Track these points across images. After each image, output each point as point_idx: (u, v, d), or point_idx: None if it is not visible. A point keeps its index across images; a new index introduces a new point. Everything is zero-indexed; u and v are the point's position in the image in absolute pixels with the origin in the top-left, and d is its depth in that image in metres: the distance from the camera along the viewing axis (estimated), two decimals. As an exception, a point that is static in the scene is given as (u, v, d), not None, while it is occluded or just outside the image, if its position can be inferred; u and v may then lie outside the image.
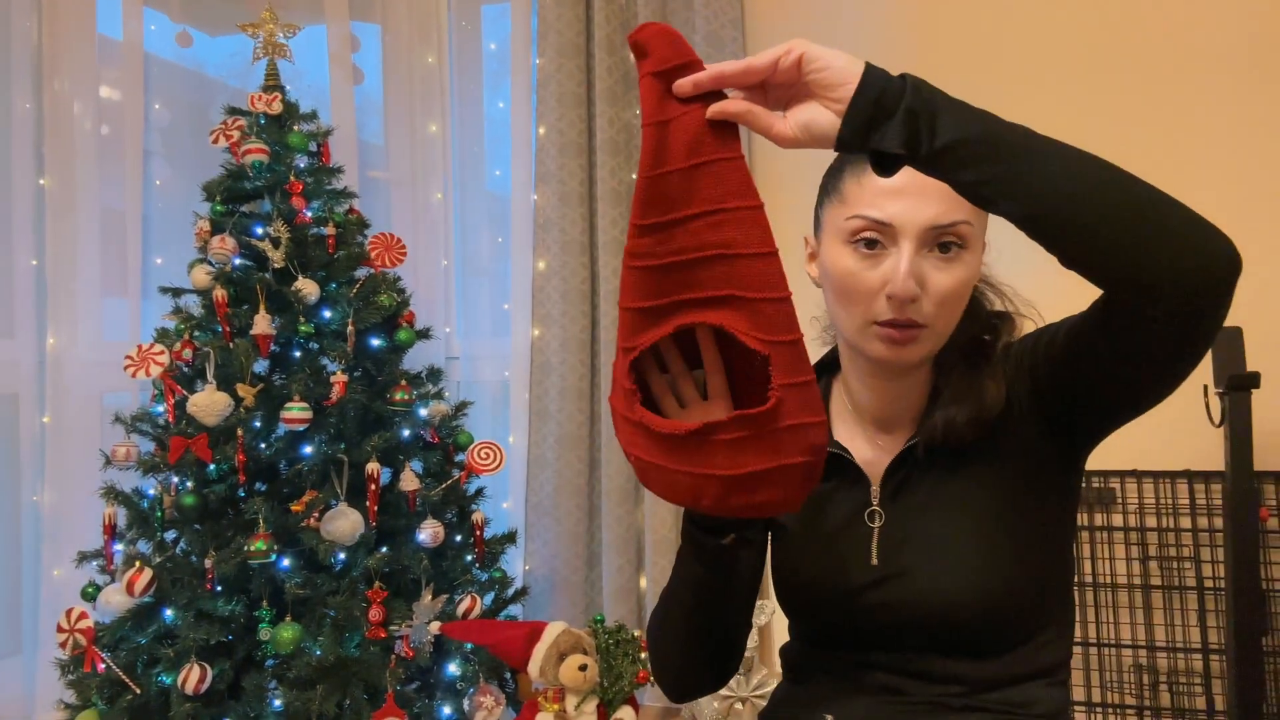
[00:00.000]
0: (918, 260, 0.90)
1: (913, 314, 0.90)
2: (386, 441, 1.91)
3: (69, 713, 1.82)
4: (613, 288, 2.32)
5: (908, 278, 0.89)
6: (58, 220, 2.39)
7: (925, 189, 0.90)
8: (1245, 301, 2.02)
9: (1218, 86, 2.07)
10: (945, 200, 0.90)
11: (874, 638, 0.98)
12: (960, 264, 0.92)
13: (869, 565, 0.97)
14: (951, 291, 0.91)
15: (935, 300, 0.91)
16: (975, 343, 0.99)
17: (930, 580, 0.94)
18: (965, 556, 0.93)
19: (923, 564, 0.95)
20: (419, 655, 1.85)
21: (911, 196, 0.90)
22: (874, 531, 0.98)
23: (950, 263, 0.91)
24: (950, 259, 0.91)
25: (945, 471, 0.96)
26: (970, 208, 0.91)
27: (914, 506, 0.98)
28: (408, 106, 2.56)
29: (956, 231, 0.91)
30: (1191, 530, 1.99)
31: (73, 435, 2.37)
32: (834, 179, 0.98)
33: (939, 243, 0.91)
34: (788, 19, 2.34)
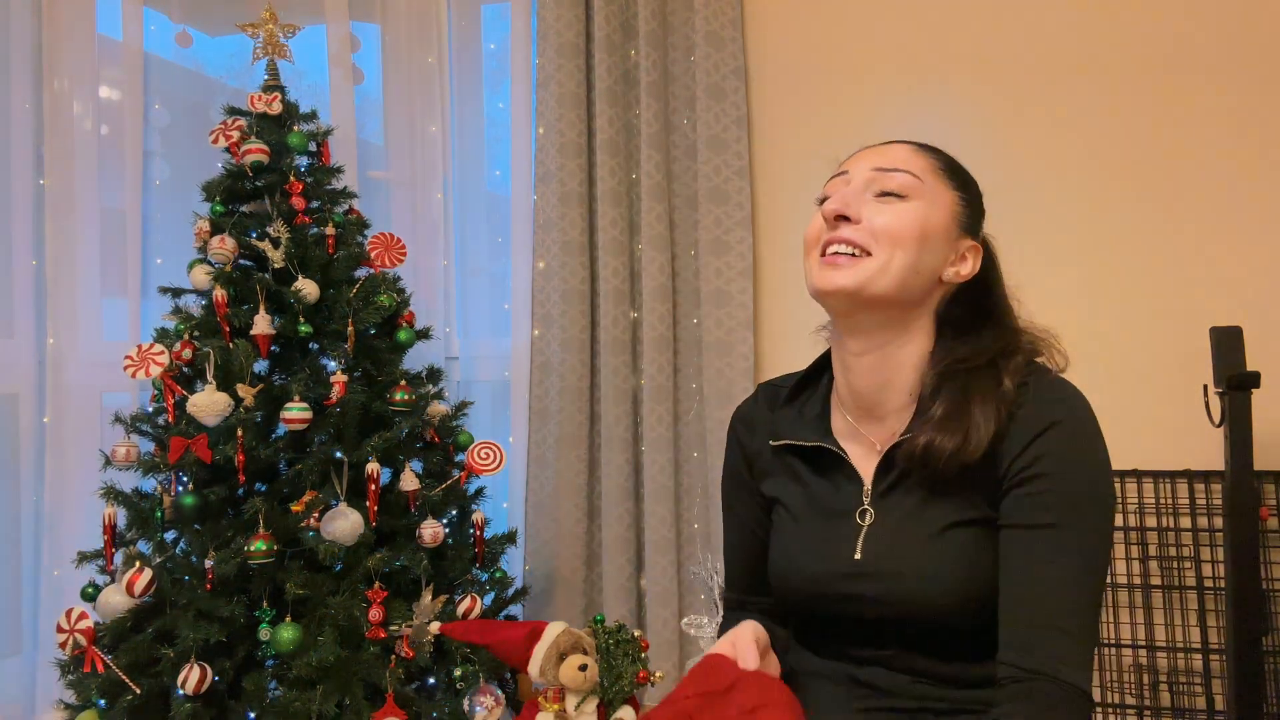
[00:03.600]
0: (859, 195, 1.00)
1: (851, 235, 0.98)
2: (386, 441, 1.91)
3: (69, 713, 1.81)
4: (613, 287, 2.32)
5: (838, 198, 0.99)
6: (58, 220, 2.39)
7: (883, 151, 1.03)
8: (1245, 301, 2.04)
9: (1218, 87, 2.07)
10: (893, 155, 1.02)
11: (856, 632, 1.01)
12: (900, 207, 0.98)
13: (851, 559, 1.00)
14: (886, 221, 0.97)
15: (870, 230, 0.98)
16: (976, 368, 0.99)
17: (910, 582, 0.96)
18: (946, 562, 0.95)
19: (903, 566, 0.97)
20: (419, 655, 1.85)
21: (866, 157, 1.03)
22: (861, 530, 1.01)
23: (889, 204, 0.99)
24: (889, 202, 0.99)
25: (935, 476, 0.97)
26: (921, 168, 1.01)
27: (903, 508, 1.00)
28: (408, 106, 2.56)
29: (897, 179, 1.00)
30: (1191, 530, 1.99)
31: (73, 435, 2.37)
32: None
33: (883, 189, 1.00)
34: (788, 19, 2.34)
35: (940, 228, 1.00)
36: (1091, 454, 0.94)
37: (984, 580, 0.95)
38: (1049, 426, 0.93)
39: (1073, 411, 0.95)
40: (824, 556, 1.02)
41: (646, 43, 2.28)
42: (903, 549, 0.98)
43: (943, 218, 1.00)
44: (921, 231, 0.98)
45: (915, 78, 2.25)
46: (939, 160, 1.04)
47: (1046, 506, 0.92)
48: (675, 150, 2.35)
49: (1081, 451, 0.94)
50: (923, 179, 1.00)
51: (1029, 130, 2.17)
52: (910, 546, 0.97)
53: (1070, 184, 2.15)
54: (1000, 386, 0.97)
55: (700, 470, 2.31)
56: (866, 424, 1.05)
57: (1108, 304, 2.11)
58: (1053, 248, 2.14)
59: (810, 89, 2.33)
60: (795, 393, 1.13)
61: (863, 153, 1.05)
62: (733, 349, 2.26)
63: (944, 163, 1.04)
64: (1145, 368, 2.08)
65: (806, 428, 1.08)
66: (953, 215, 1.01)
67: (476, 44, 2.66)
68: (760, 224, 2.34)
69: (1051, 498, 0.92)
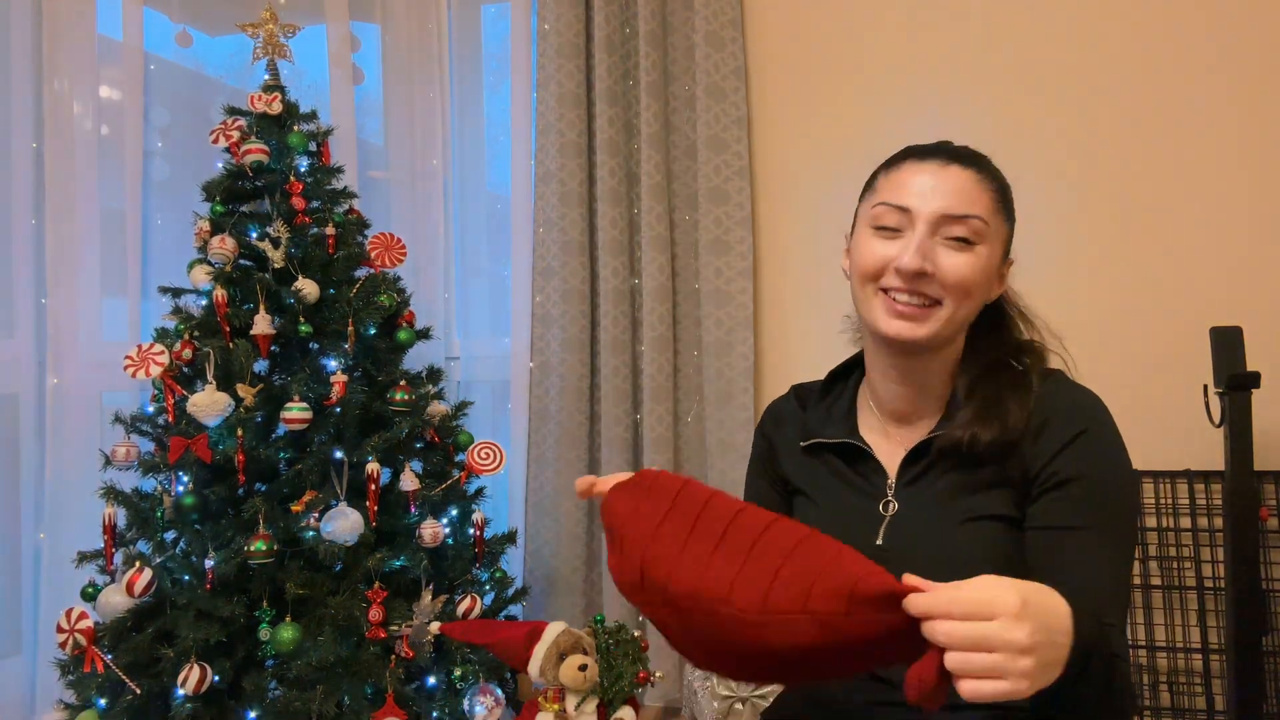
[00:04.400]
0: (930, 242, 0.98)
1: (924, 288, 0.98)
2: (386, 441, 1.91)
3: (69, 713, 1.81)
4: (612, 287, 2.32)
5: (916, 252, 0.97)
6: (58, 220, 2.38)
7: (943, 183, 0.99)
8: (1245, 301, 2.04)
9: (1218, 87, 2.07)
10: (960, 194, 0.99)
11: None
12: (972, 254, 0.98)
13: (873, 545, 1.03)
14: (961, 275, 0.98)
15: (945, 281, 0.98)
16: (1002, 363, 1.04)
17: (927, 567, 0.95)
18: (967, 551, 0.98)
19: (924, 552, 1.00)
20: (419, 655, 1.85)
21: (929, 188, 0.99)
22: (885, 518, 1.04)
23: (962, 251, 0.98)
24: (962, 249, 0.98)
25: (959, 471, 1.01)
26: (985, 205, 0.99)
27: (926, 499, 1.03)
28: (408, 106, 2.56)
29: (968, 225, 0.98)
30: (1191, 530, 1.99)
31: (73, 435, 2.37)
32: (871, 179, 1.07)
33: (952, 234, 0.98)
34: (788, 19, 2.34)
35: (996, 265, 1.03)
36: (1120, 460, 0.99)
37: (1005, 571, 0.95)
38: (1081, 432, 0.97)
39: (1102, 419, 0.99)
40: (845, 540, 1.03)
41: (646, 43, 2.28)
42: (925, 537, 1.01)
43: (996, 256, 1.02)
44: (986, 277, 1.01)
45: (915, 77, 2.25)
46: (997, 190, 1.03)
47: (1081, 509, 0.95)
48: (675, 150, 2.35)
49: (1113, 457, 0.98)
50: (989, 221, 1.00)
51: (1029, 130, 2.17)
52: (933, 535, 1.00)
53: (1070, 183, 2.15)
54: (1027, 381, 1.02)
55: (700, 470, 2.31)
56: (894, 426, 1.09)
57: (1108, 304, 2.11)
58: (1053, 247, 2.14)
59: (810, 89, 2.33)
60: (825, 391, 1.17)
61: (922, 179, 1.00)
62: (733, 349, 2.26)
63: (1000, 191, 1.03)
64: (1145, 368, 2.08)
65: (834, 424, 1.12)
66: (1003, 248, 1.04)
67: (476, 44, 2.66)
68: (760, 224, 2.34)
69: (1086, 501, 0.95)
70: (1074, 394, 1.02)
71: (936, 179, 1.00)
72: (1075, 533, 0.95)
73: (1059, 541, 0.95)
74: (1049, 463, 0.97)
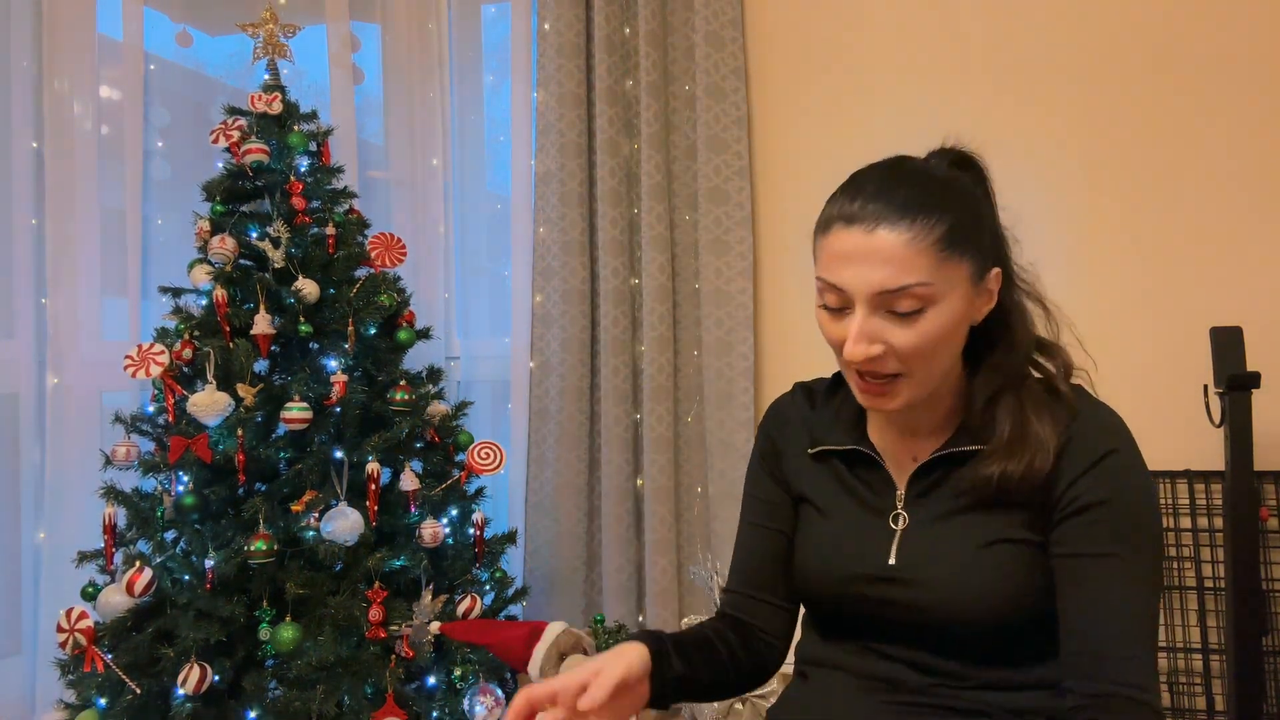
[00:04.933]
0: (873, 322, 0.91)
1: (878, 368, 0.93)
2: (386, 441, 1.91)
3: (69, 713, 1.81)
4: (613, 287, 2.32)
5: (857, 341, 0.91)
6: (58, 220, 2.39)
7: (872, 253, 0.90)
8: (1245, 301, 2.04)
9: (1218, 87, 2.07)
10: (892, 264, 0.89)
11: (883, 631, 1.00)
12: (924, 320, 0.91)
13: (886, 564, 0.99)
14: (916, 346, 0.91)
15: (901, 356, 0.92)
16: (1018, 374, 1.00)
17: (942, 589, 0.95)
18: (984, 577, 0.95)
19: (937, 573, 0.96)
20: (419, 655, 1.85)
21: (859, 262, 0.90)
22: (896, 533, 1.00)
23: (912, 322, 0.91)
24: (911, 320, 0.91)
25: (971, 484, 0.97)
26: (925, 266, 0.89)
27: (937, 514, 0.99)
28: (408, 106, 2.56)
29: (912, 294, 0.89)
30: (1191, 530, 1.99)
31: (73, 435, 2.37)
32: (815, 234, 0.99)
33: (895, 309, 0.90)
34: (788, 19, 2.34)
35: (963, 312, 0.94)
36: (1147, 483, 0.96)
37: (1020, 596, 0.94)
38: (1106, 454, 0.94)
39: (1128, 440, 0.96)
40: (856, 558, 1.01)
41: (646, 43, 2.28)
42: (940, 559, 0.97)
43: (960, 301, 0.93)
44: (946, 335, 0.92)
45: (915, 77, 2.24)
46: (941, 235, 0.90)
47: (1107, 535, 0.92)
48: (675, 150, 2.36)
49: (1137, 481, 0.95)
50: (934, 280, 0.89)
51: (1029, 130, 2.17)
52: (948, 558, 0.96)
53: (1070, 183, 2.15)
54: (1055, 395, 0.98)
55: (700, 470, 2.31)
56: (901, 438, 1.04)
57: (1108, 304, 2.11)
58: (1053, 247, 2.14)
59: (810, 89, 2.33)
60: (832, 391, 1.12)
61: (851, 250, 0.91)
62: (733, 349, 2.26)
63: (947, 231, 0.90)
64: (1145, 368, 2.08)
65: (841, 429, 1.07)
66: (969, 282, 0.94)
67: (476, 44, 2.66)
68: (760, 224, 2.34)
69: (1111, 527, 0.92)
70: (1098, 412, 0.97)
71: (865, 250, 0.89)
72: (1101, 560, 0.91)
73: (1084, 569, 0.92)
74: (1074, 483, 0.93)
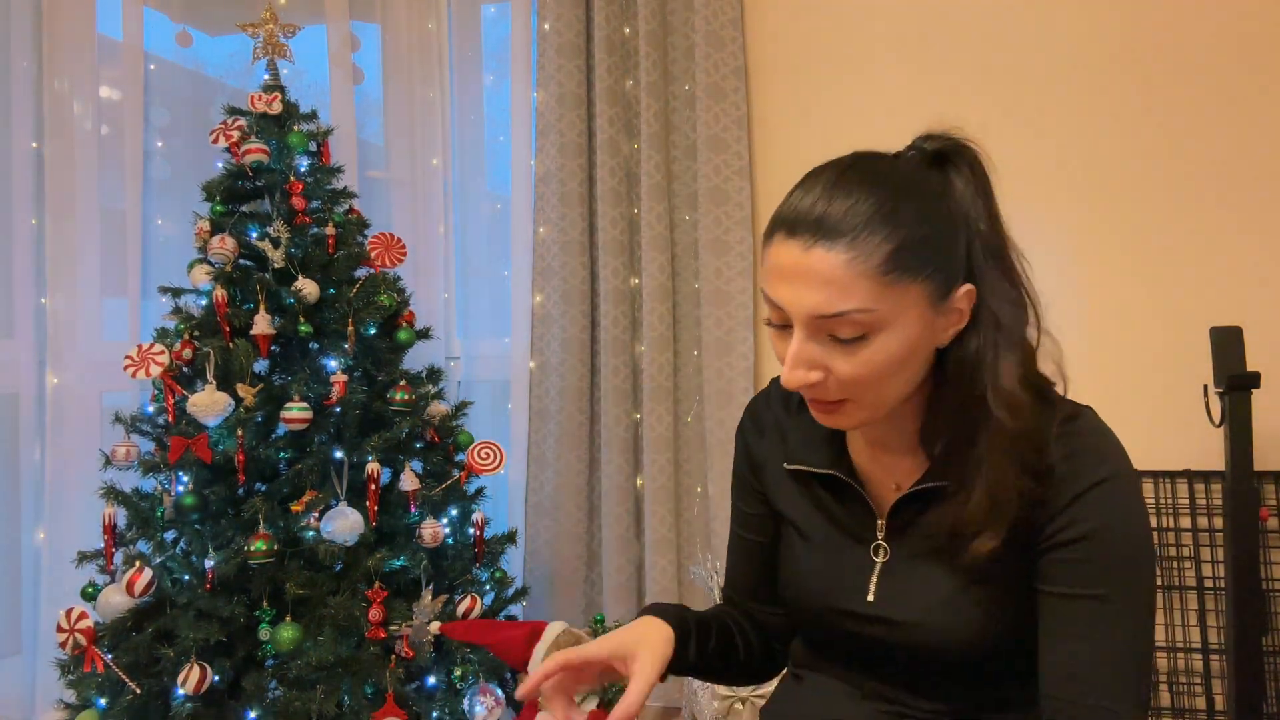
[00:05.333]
0: (811, 347, 0.83)
1: (819, 395, 0.86)
2: (386, 441, 1.91)
3: (69, 713, 1.82)
4: (613, 287, 2.32)
5: (793, 367, 0.83)
6: (58, 220, 2.39)
7: (807, 273, 0.80)
8: (1245, 301, 2.03)
9: (1218, 87, 2.07)
10: (829, 288, 0.79)
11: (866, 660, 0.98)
12: (868, 348, 0.81)
13: (865, 600, 0.95)
14: (858, 374, 0.82)
15: (841, 384, 0.83)
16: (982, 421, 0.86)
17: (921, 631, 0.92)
18: (962, 609, 0.90)
19: (918, 614, 0.91)
20: (419, 655, 1.85)
21: (795, 281, 0.81)
22: (876, 566, 0.95)
23: (855, 349, 0.82)
24: (853, 347, 0.82)
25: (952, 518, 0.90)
26: (866, 290, 0.79)
27: (917, 549, 0.93)
28: (408, 106, 2.56)
29: (852, 320, 0.80)
30: (1191, 530, 1.99)
31: (73, 435, 2.37)
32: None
33: (836, 334, 0.81)
34: (788, 19, 2.34)
35: (918, 336, 0.83)
36: (1138, 514, 0.86)
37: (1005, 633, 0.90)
38: (1093, 485, 0.84)
39: (1117, 468, 0.86)
40: (835, 593, 0.97)
41: (646, 43, 2.28)
42: (919, 597, 0.91)
43: (915, 323, 0.82)
44: (897, 361, 0.83)
45: (915, 77, 2.25)
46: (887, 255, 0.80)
47: (1093, 574, 0.84)
48: (675, 150, 2.36)
49: (1127, 512, 0.85)
50: (877, 306, 0.80)
51: (1029, 130, 2.17)
52: (927, 596, 0.91)
53: (1070, 183, 2.15)
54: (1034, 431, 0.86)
55: (700, 470, 2.31)
56: (881, 453, 0.97)
57: (1108, 304, 2.11)
58: (1052, 247, 2.14)
59: (810, 89, 2.33)
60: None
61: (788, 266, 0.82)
62: (733, 349, 2.26)
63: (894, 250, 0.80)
64: (1145, 368, 2.08)
65: (820, 448, 1.00)
66: (928, 303, 0.83)
67: (476, 44, 2.66)
68: (760, 224, 2.34)
69: (1098, 565, 0.84)
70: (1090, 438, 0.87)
71: (801, 268, 0.80)
72: (1086, 601, 0.84)
73: (1067, 610, 0.85)
74: (1059, 515, 0.85)
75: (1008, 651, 0.92)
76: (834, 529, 0.99)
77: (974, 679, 0.94)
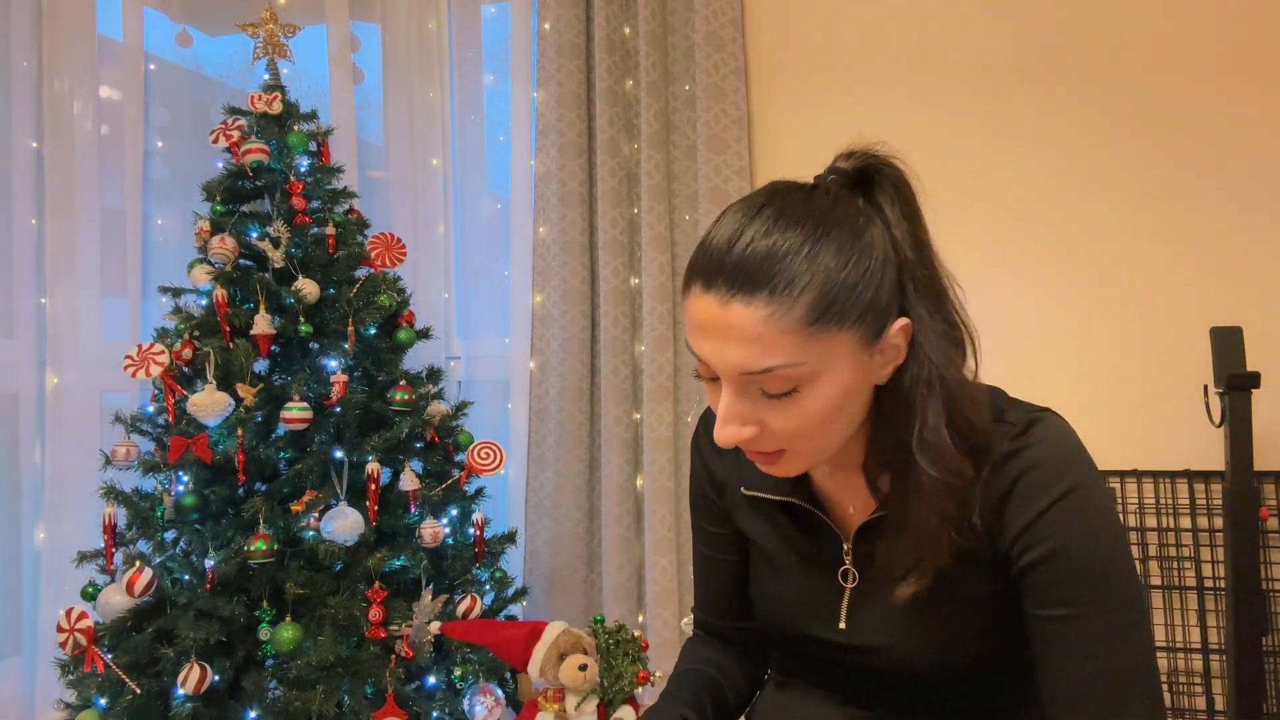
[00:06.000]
0: (740, 403, 0.79)
1: (757, 447, 0.82)
2: (386, 441, 1.91)
3: (69, 713, 1.81)
4: (613, 287, 2.32)
5: (725, 423, 0.79)
6: (58, 220, 2.39)
7: (727, 329, 0.76)
8: (1245, 301, 2.04)
9: (1217, 87, 2.07)
10: (751, 344, 0.75)
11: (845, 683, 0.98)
12: (799, 400, 0.77)
13: (837, 627, 0.93)
14: (791, 429, 0.79)
15: (776, 437, 0.80)
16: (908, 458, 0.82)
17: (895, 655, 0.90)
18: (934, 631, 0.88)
19: (890, 639, 0.90)
20: (419, 655, 1.85)
21: (716, 337, 0.77)
22: (845, 592, 0.93)
23: (787, 403, 0.78)
24: (784, 401, 0.78)
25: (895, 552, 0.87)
26: (790, 346, 0.75)
27: (883, 574, 0.89)
28: (408, 106, 2.56)
29: (778, 376, 0.76)
30: (1191, 530, 1.99)
31: (73, 435, 2.37)
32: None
33: (765, 389, 0.78)
34: (788, 19, 2.34)
35: (853, 380, 0.79)
36: (1105, 523, 0.81)
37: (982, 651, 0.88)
38: (1053, 502, 0.80)
39: (1076, 479, 0.81)
40: (808, 619, 0.95)
41: (646, 43, 2.28)
42: (889, 621, 0.89)
43: (848, 370, 0.78)
44: (833, 409, 0.79)
45: (915, 77, 2.25)
46: (806, 309, 0.75)
47: (1067, 593, 0.80)
48: (675, 150, 2.36)
49: (1092, 524, 0.80)
50: (803, 359, 0.75)
51: (1028, 130, 2.17)
52: (896, 619, 0.89)
53: (1070, 183, 2.15)
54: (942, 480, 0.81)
55: (700, 470, 2.31)
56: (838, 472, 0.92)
57: (1108, 304, 2.11)
58: (1052, 247, 2.14)
59: (810, 89, 2.33)
60: None
61: (708, 321, 0.77)
62: (733, 349, 2.26)
63: (809, 301, 0.75)
64: (1145, 368, 2.08)
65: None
66: (859, 346, 0.78)
67: (476, 44, 2.66)
68: (760, 224, 2.34)
69: (1069, 582, 0.80)
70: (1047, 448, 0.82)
71: (720, 324, 0.76)
72: (1067, 622, 0.79)
73: (1053, 632, 0.80)
74: (1024, 532, 0.81)
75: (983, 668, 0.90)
76: (799, 555, 0.96)
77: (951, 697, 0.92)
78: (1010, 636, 0.87)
